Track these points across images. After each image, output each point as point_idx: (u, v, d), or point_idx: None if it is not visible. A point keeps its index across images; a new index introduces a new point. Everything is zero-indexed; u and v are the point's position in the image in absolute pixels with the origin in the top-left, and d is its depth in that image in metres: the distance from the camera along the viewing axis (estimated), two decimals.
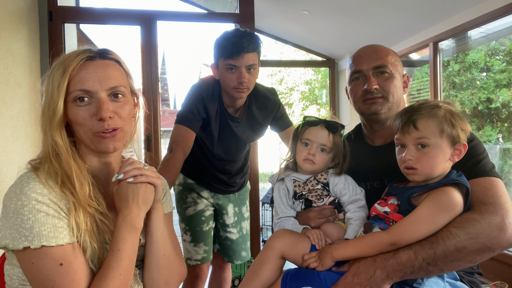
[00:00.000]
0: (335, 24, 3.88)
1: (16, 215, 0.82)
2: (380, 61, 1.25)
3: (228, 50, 1.58)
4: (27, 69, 2.68)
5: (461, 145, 1.01)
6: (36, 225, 0.82)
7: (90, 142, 0.93)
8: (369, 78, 1.25)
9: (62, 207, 0.87)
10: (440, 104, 1.03)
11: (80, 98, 0.90)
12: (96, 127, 0.91)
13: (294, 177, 1.24)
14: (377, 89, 1.24)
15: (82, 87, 0.89)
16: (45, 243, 0.82)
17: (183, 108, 1.72)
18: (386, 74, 1.25)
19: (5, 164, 2.30)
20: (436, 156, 0.99)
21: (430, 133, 0.99)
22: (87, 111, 0.90)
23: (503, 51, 4.55)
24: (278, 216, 1.23)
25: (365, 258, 0.98)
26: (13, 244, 0.83)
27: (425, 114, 1.01)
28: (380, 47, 1.30)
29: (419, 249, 0.94)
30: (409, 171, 1.03)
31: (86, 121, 0.90)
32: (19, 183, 0.86)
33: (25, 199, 0.83)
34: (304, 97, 10.78)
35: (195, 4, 4.20)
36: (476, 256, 0.96)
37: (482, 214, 0.97)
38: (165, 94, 19.16)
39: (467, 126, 1.02)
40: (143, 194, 0.92)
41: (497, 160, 3.97)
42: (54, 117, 0.88)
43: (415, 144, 1.01)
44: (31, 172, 0.89)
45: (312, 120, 1.25)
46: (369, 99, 1.25)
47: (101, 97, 0.90)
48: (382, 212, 1.03)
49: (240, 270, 3.02)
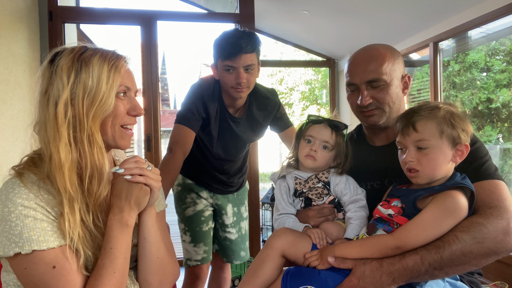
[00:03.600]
0: (335, 24, 3.88)
1: (4, 222, 0.82)
2: (373, 74, 1.19)
3: (226, 51, 1.58)
4: (27, 69, 2.68)
5: (462, 146, 1.00)
6: (25, 230, 0.81)
7: (114, 135, 0.95)
8: (362, 93, 1.21)
9: (49, 210, 0.86)
10: (440, 105, 1.02)
11: (123, 93, 0.96)
12: (127, 121, 0.96)
13: (295, 174, 1.24)
14: (371, 103, 1.21)
15: (126, 84, 0.96)
16: (36, 247, 0.82)
17: (183, 107, 1.72)
18: (380, 86, 1.20)
19: (5, 164, 2.30)
20: (437, 157, 0.99)
21: (430, 134, 0.99)
22: (123, 105, 0.95)
23: (503, 51, 4.54)
24: (278, 212, 1.23)
25: (371, 262, 0.97)
26: (3, 251, 0.82)
27: (424, 115, 1.00)
28: (375, 54, 1.22)
29: (426, 254, 0.94)
30: (411, 173, 1.03)
31: (122, 114, 0.95)
32: (4, 189, 0.85)
33: (11, 205, 0.82)
34: (304, 97, 10.77)
35: (195, 4, 4.20)
36: (481, 260, 0.96)
37: (488, 218, 0.97)
38: (165, 94, 19.17)
39: (469, 127, 1.01)
40: (137, 195, 0.90)
41: (497, 160, 3.97)
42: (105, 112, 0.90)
43: (415, 146, 1.01)
44: (15, 178, 0.87)
45: (316, 118, 1.27)
46: (365, 112, 1.24)
47: (133, 96, 0.99)
48: (386, 215, 1.03)
49: (240, 270, 3.02)
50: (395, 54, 1.24)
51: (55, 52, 0.92)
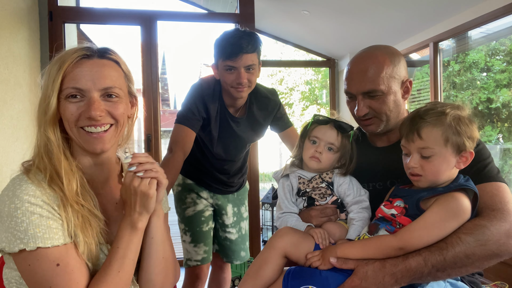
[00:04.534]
0: (335, 24, 3.88)
1: (10, 218, 0.82)
2: (369, 85, 1.17)
3: (227, 51, 1.58)
4: (27, 69, 2.67)
5: (467, 153, 0.99)
6: (30, 227, 0.82)
7: (79, 139, 0.92)
8: (358, 104, 1.20)
9: (55, 208, 0.86)
10: (447, 110, 0.99)
11: (72, 95, 0.89)
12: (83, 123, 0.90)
13: (299, 174, 1.24)
14: (367, 113, 1.20)
15: (75, 85, 0.89)
16: (40, 244, 0.82)
17: (183, 107, 1.72)
18: (377, 96, 1.18)
19: (5, 164, 2.30)
20: (440, 164, 0.98)
21: (434, 142, 0.98)
22: (76, 107, 0.90)
23: (503, 51, 4.55)
24: (281, 211, 1.22)
25: (373, 263, 0.97)
26: (9, 247, 0.82)
27: (430, 122, 0.99)
28: (373, 61, 1.18)
29: (429, 255, 0.94)
30: (413, 177, 1.03)
31: (73, 117, 0.89)
32: (11, 186, 0.86)
33: (18, 201, 0.83)
34: (304, 97, 10.77)
35: (195, 4, 4.20)
36: (484, 262, 0.96)
37: (491, 220, 0.97)
38: (165, 94, 19.15)
39: (475, 133, 0.99)
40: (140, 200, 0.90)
41: (497, 160, 3.97)
42: (47, 112, 0.88)
43: (419, 152, 1.00)
44: (23, 175, 0.88)
45: (322, 119, 1.25)
46: (362, 121, 1.24)
47: (92, 96, 0.89)
48: (389, 215, 1.02)
49: (240, 270, 3.02)
50: (395, 59, 1.20)
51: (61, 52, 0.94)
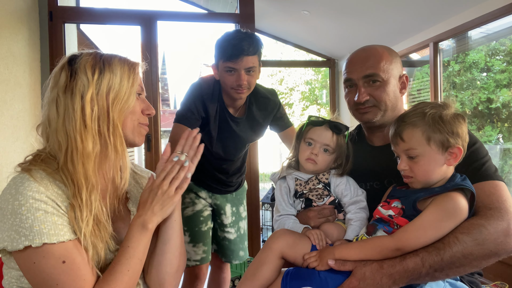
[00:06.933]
0: (335, 24, 3.88)
1: (14, 215, 0.82)
2: (370, 69, 1.20)
3: (228, 52, 1.58)
4: (27, 69, 2.68)
5: (455, 149, 0.99)
6: (35, 223, 0.82)
7: (133, 131, 1.01)
8: (359, 90, 1.21)
9: (59, 204, 0.86)
10: (427, 110, 1.01)
11: (139, 94, 1.03)
12: (143, 120, 1.04)
13: (296, 175, 1.24)
14: (368, 100, 1.21)
15: (142, 85, 1.05)
16: (46, 240, 0.82)
17: (182, 107, 1.72)
18: (377, 82, 1.20)
19: (5, 164, 2.30)
20: (427, 164, 0.99)
21: (416, 143, 0.99)
22: (139, 105, 1.02)
23: (504, 51, 4.54)
24: (279, 213, 1.23)
25: (371, 264, 0.97)
26: (12, 245, 0.82)
27: (410, 123, 1.00)
28: (373, 52, 1.23)
29: (426, 256, 0.94)
30: (406, 179, 1.04)
31: (138, 112, 1.02)
32: (13, 184, 0.86)
33: (22, 198, 0.82)
34: (304, 97, 10.77)
35: (195, 4, 4.20)
36: (482, 261, 0.96)
37: (488, 219, 0.97)
38: (165, 94, 19.13)
39: (460, 129, 0.99)
40: (162, 202, 0.97)
41: (497, 160, 3.96)
42: (126, 106, 0.96)
43: (405, 154, 1.02)
44: (24, 173, 0.88)
45: (316, 120, 1.24)
46: (361, 109, 1.24)
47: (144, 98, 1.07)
48: (387, 216, 1.03)
49: (240, 270, 3.02)
50: (393, 55, 1.25)
51: (72, 54, 0.97)
